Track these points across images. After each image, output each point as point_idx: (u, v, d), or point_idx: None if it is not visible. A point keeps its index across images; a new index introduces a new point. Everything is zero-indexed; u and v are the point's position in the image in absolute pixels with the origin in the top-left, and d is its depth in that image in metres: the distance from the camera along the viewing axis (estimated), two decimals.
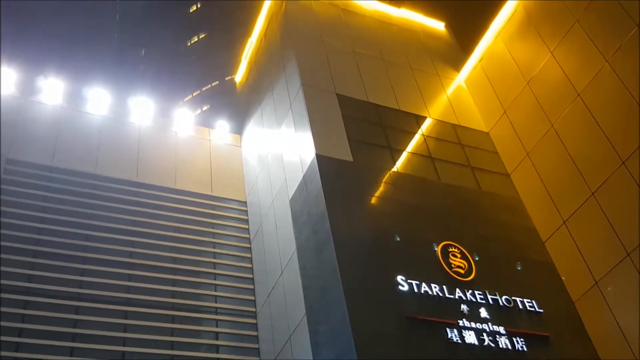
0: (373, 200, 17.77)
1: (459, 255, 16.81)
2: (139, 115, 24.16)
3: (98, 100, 23.71)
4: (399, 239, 16.57)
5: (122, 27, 72.69)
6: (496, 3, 23.00)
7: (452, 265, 16.50)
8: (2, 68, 22.26)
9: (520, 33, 21.86)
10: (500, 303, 16.13)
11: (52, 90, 22.99)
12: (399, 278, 15.41)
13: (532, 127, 20.27)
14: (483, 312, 15.67)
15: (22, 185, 19.85)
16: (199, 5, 59.44)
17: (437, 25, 27.27)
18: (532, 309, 16.47)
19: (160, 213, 21.25)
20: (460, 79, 24.22)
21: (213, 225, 21.99)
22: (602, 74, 18.04)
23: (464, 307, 15.55)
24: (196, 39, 56.83)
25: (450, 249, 16.86)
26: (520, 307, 16.38)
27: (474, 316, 15.46)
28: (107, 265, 19.00)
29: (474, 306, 15.73)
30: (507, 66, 22.03)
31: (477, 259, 16.93)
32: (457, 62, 24.87)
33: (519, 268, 17.62)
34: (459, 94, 23.64)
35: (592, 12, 18.91)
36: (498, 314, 15.84)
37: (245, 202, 23.24)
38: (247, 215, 22.77)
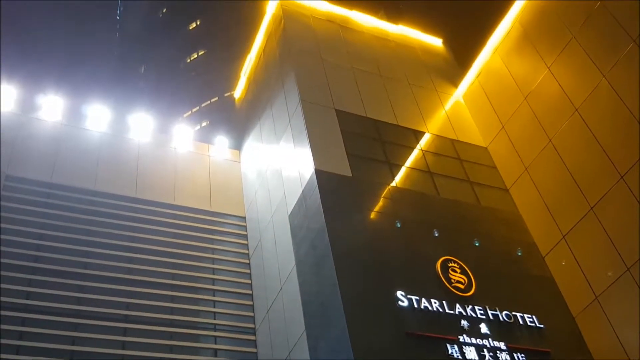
0: (372, 215, 17.76)
1: (458, 270, 16.76)
2: (138, 132, 24.24)
3: (98, 116, 23.80)
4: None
5: (122, 45, 73.16)
6: (493, 19, 23.19)
7: (452, 281, 16.45)
8: (2, 85, 22.37)
9: (517, 49, 22.01)
10: (501, 318, 16.06)
11: (52, 107, 23.10)
12: (399, 293, 15.35)
13: (530, 142, 20.33)
14: (483, 328, 15.59)
15: (20, 201, 19.85)
16: (198, 23, 59.86)
17: (435, 42, 27.47)
18: (533, 325, 16.40)
19: (159, 229, 21.23)
20: (458, 95, 24.35)
21: (212, 240, 21.95)
22: (600, 89, 18.15)
23: (464, 322, 15.48)
24: (195, 56, 57.16)
25: (450, 264, 16.82)
26: (521, 322, 16.30)
27: (474, 332, 15.38)
28: (106, 281, 18.93)
29: (475, 322, 15.66)
30: (504, 82, 22.16)
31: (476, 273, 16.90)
32: (454, 78, 25.02)
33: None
34: (457, 109, 23.75)
35: (589, 28, 19.06)
36: (498, 329, 15.76)
37: (244, 218, 23.23)
38: (246, 231, 22.74)
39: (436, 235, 17.72)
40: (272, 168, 21.57)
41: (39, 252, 18.87)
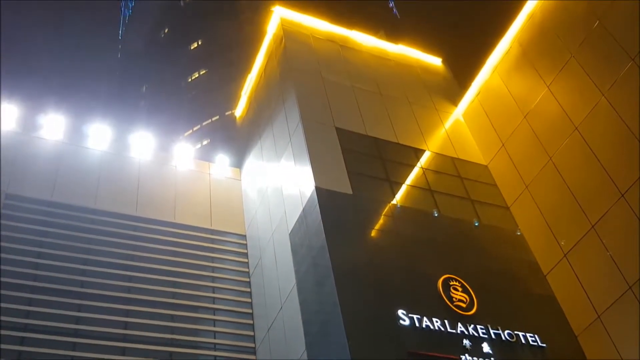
0: (373, 233, 17.72)
1: (460, 289, 16.67)
2: (139, 150, 24.30)
3: (99, 135, 23.88)
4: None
5: (124, 64, 73.68)
6: (492, 39, 23.41)
7: (454, 299, 16.34)
8: (3, 104, 22.48)
9: (516, 68, 22.16)
10: (503, 338, 15.93)
11: (53, 125, 23.18)
12: (400, 312, 15.25)
13: (531, 160, 20.36)
14: (485, 347, 15.46)
15: (20, 220, 19.82)
16: (199, 43, 60.35)
17: (434, 61, 27.67)
18: (535, 344, 16.26)
19: (159, 247, 21.17)
20: (458, 113, 24.45)
21: (212, 259, 21.88)
22: (599, 108, 18.22)
23: (466, 342, 15.35)
24: (197, 75, 57.51)
25: (452, 283, 16.74)
26: (523, 341, 16.17)
27: (476, 351, 15.25)
28: (105, 300, 18.82)
29: (477, 341, 15.53)
30: (504, 100, 22.27)
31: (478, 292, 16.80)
32: (454, 96, 25.16)
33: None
34: (457, 127, 23.83)
35: (588, 47, 19.20)
36: (501, 348, 15.62)
37: (245, 236, 23.17)
38: (246, 249, 22.68)
39: (437, 253, 17.65)
40: (272, 186, 21.58)
41: (38, 270, 18.79)
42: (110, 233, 20.80)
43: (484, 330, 15.84)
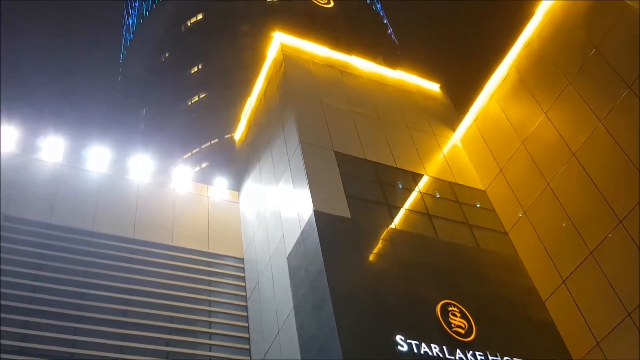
0: (371, 257, 17.67)
1: (458, 315, 16.56)
2: (138, 173, 24.34)
3: (98, 158, 23.94)
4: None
5: (125, 87, 74.18)
6: (489, 65, 23.69)
7: (452, 325, 16.23)
8: (2, 126, 22.57)
9: (513, 94, 22.36)
10: None
11: (52, 148, 23.25)
12: (398, 338, 15.12)
13: (529, 186, 20.42)
14: None
15: (18, 242, 19.74)
16: (200, 67, 60.86)
17: (432, 87, 27.93)
18: None
19: (156, 270, 21.06)
20: (456, 138, 24.59)
21: (209, 282, 21.75)
22: (597, 134, 18.35)
23: None
24: (197, 99, 57.88)
25: (450, 308, 16.63)
26: None
27: None
28: (101, 324, 18.65)
29: None
30: (502, 126, 22.42)
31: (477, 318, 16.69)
32: (452, 122, 25.34)
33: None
34: (455, 152, 23.95)
35: (585, 74, 19.40)
36: None
37: (242, 259, 23.08)
38: (243, 272, 22.57)
39: (436, 278, 17.58)
40: (270, 209, 21.58)
41: (35, 293, 18.66)
42: (108, 256, 20.70)
43: (482, 357, 15.70)
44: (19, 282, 18.65)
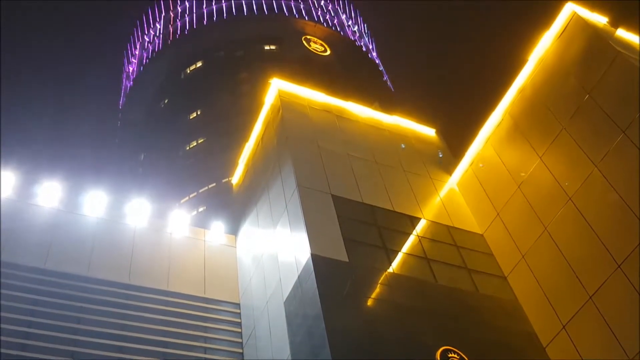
0: (369, 302, 17.47)
1: None
2: (134, 217, 24.29)
3: (95, 202, 23.92)
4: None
5: (124, 132, 74.75)
6: (484, 111, 24.04)
7: None
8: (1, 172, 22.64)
9: (508, 139, 22.59)
10: None
11: (49, 193, 23.25)
12: None
13: (526, 230, 20.40)
14: None
15: (12, 288, 19.50)
16: (198, 113, 61.56)
17: (428, 131, 28.24)
18: None
19: (150, 316, 20.74)
20: (453, 182, 24.71)
21: (205, 328, 21.39)
22: (592, 179, 18.46)
23: None
24: (195, 144, 58.33)
25: (450, 355, 16.35)
26: None
27: None
28: None
29: None
30: (497, 170, 22.57)
31: None
32: (448, 166, 25.52)
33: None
34: (451, 196, 24.03)
35: (578, 119, 19.66)
36: None
37: (239, 304, 22.77)
38: (240, 318, 22.22)
39: (435, 323, 17.34)
40: (268, 253, 21.45)
41: (28, 340, 18.32)
42: (102, 302, 20.44)
43: None
44: (12, 328, 18.31)
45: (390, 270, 18.75)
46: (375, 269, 18.53)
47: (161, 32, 76.10)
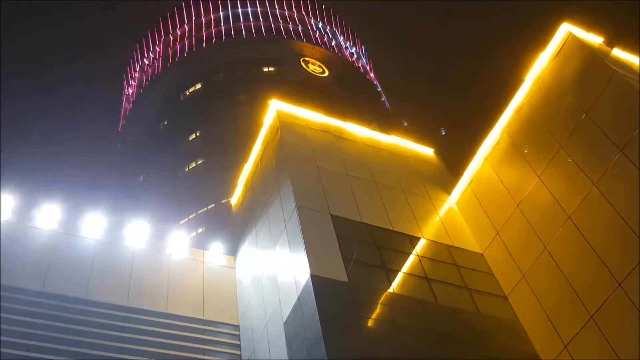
0: (370, 323, 17.35)
1: None
2: (133, 239, 24.22)
3: (94, 224, 23.87)
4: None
5: (123, 154, 74.90)
6: (481, 131, 24.11)
7: None
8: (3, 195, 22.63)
9: (507, 158, 22.63)
10: None
11: (48, 215, 23.22)
12: None
13: (526, 249, 20.33)
14: None
15: (10, 311, 19.36)
16: (198, 134, 61.76)
17: (427, 151, 28.33)
18: None
19: (149, 339, 20.57)
20: (452, 201, 24.70)
21: (203, 351, 21.18)
22: (591, 197, 18.45)
23: None
24: (194, 165, 58.42)
25: None
26: None
27: None
28: None
29: None
30: (496, 189, 22.57)
31: None
32: (447, 185, 25.53)
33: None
34: (451, 215, 24.00)
35: (576, 138, 19.71)
36: None
37: (238, 326, 22.58)
38: (239, 340, 22.02)
39: (436, 344, 17.19)
40: (267, 274, 21.34)
41: None
42: (101, 325, 20.30)
43: None
44: (10, 352, 18.15)
45: (391, 290, 18.65)
46: (375, 289, 18.43)
47: (161, 55, 76.75)
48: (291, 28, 74.06)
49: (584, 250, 18.10)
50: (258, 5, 76.54)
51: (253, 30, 72.02)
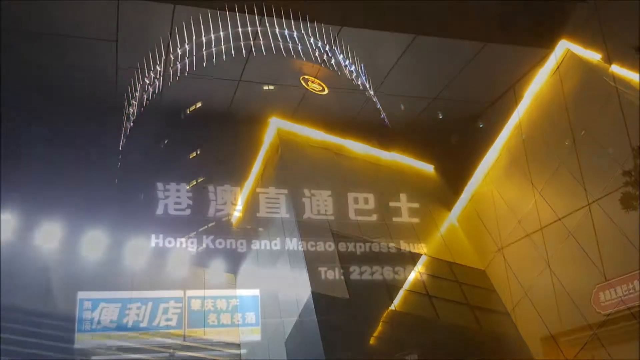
0: (372, 341, 17.25)
1: None
2: (133, 258, 24.11)
3: (94, 243, 23.77)
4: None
5: (123, 173, 75.12)
6: (481, 148, 24.16)
7: None
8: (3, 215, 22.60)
9: (507, 174, 22.68)
10: None
11: (48, 234, 23.12)
12: None
13: (528, 265, 20.29)
14: None
15: (10, 331, 19.25)
16: (198, 152, 61.96)
17: (427, 168, 28.37)
18: None
19: (150, 358, 20.38)
20: (452, 217, 24.69)
21: None
22: (592, 213, 18.40)
23: None
24: (195, 183, 58.55)
25: None
26: None
27: None
28: None
29: None
30: (497, 205, 22.57)
31: None
32: (448, 201, 25.51)
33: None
34: (452, 231, 23.97)
35: (576, 155, 19.72)
36: None
37: (239, 345, 22.41)
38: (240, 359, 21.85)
39: None
40: (268, 292, 21.24)
41: None
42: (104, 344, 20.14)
43: None
44: None
45: (392, 307, 18.56)
46: (376, 306, 18.34)
47: (161, 74, 77.25)
48: (290, 47, 74.66)
49: (586, 266, 18.04)
50: (258, 24, 77.28)
51: (253, 49, 72.62)
